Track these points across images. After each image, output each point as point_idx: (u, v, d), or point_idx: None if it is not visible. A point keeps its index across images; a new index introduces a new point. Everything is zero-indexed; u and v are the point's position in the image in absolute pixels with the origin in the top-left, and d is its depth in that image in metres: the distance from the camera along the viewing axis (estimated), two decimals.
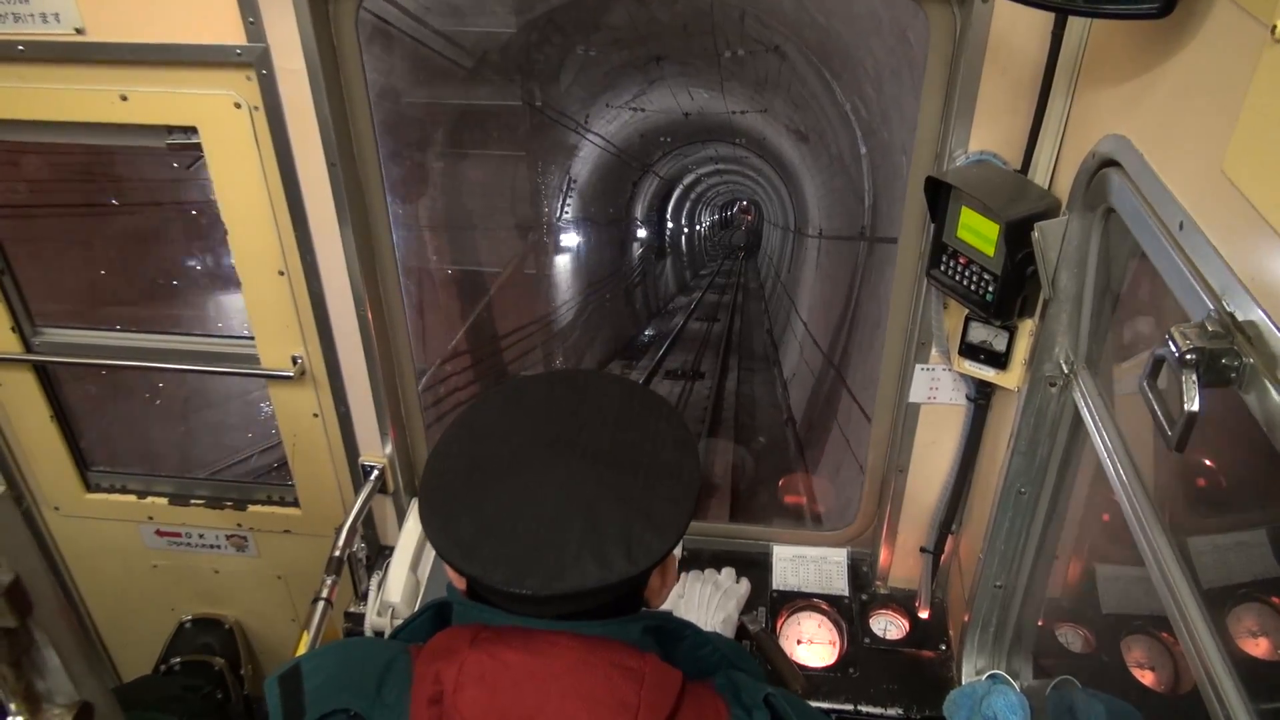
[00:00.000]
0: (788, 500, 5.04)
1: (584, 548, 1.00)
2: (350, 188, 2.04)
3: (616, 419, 1.16)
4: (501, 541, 1.02)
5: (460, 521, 1.04)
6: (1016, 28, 1.58)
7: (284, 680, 1.08)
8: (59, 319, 2.50)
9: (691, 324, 13.07)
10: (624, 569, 1.00)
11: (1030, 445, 1.79)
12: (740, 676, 1.15)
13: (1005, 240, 1.60)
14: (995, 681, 1.97)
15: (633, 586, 1.08)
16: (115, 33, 1.87)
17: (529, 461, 1.09)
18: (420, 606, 1.20)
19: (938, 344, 1.97)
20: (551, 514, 1.03)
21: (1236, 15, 1.00)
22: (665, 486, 1.09)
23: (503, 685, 0.98)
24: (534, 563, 1.00)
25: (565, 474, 1.07)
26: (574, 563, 0.99)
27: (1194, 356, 0.93)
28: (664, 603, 1.20)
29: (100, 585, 3.04)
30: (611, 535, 1.02)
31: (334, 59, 1.91)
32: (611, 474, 1.08)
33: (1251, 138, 0.92)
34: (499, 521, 1.03)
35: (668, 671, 1.04)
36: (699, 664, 1.18)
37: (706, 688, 1.10)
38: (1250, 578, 1.36)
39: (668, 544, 1.04)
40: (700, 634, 1.21)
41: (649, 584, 1.14)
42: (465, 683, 0.98)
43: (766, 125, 8.50)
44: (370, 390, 2.34)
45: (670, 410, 1.21)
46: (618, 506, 1.04)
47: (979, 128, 1.71)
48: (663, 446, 1.14)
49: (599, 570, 0.99)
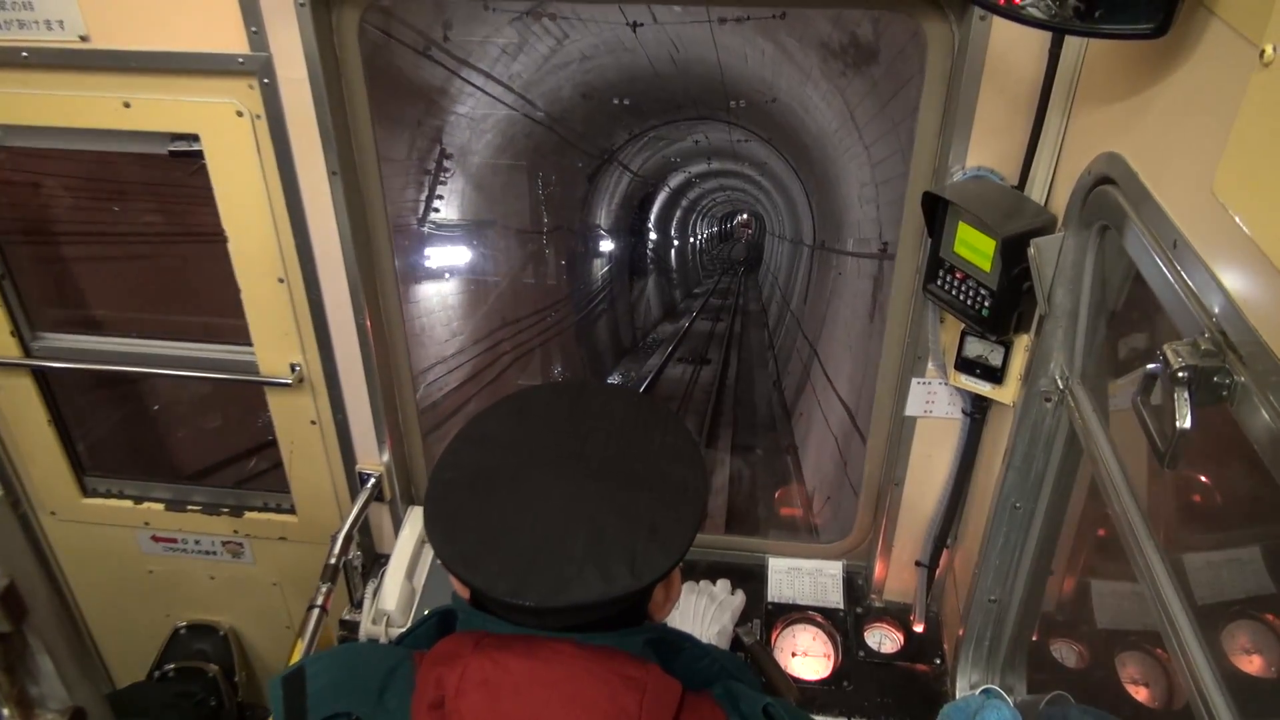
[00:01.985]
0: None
1: (588, 561, 1.00)
2: (351, 197, 2.05)
3: (621, 432, 1.17)
4: (505, 553, 1.02)
5: (464, 532, 1.05)
6: (1014, 46, 1.59)
7: (287, 682, 1.08)
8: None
9: (672, 368, 8.86)
10: (627, 583, 1.00)
11: (1025, 460, 1.79)
12: (739, 687, 1.15)
13: (1002, 256, 1.61)
14: (989, 696, 1.97)
15: (636, 600, 1.09)
16: (119, 40, 1.88)
17: (533, 473, 1.09)
18: (424, 614, 1.20)
19: (934, 358, 1.98)
20: (555, 526, 1.03)
21: (1229, 37, 1.01)
22: (670, 500, 1.09)
23: (505, 692, 0.98)
24: (537, 575, 1.00)
25: (570, 486, 1.07)
26: (577, 576, 0.99)
27: (1186, 374, 0.94)
28: (667, 617, 1.21)
29: (95, 590, 3.04)
30: (615, 549, 1.02)
31: (336, 68, 1.93)
32: (616, 487, 1.08)
33: (1240, 160, 0.93)
34: (502, 532, 1.04)
35: (668, 682, 1.04)
36: (697, 676, 1.18)
37: (705, 698, 1.11)
38: (1244, 595, 1.36)
39: (672, 558, 1.04)
40: (699, 646, 1.21)
41: (653, 598, 1.14)
42: (467, 688, 0.99)
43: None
44: (368, 398, 2.34)
45: (677, 424, 1.21)
46: (622, 520, 1.05)
47: (976, 144, 1.72)
48: (668, 460, 1.14)
49: (602, 584, 0.99)
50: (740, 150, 7.76)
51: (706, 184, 11.19)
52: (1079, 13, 1.23)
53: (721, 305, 11.74)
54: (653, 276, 10.23)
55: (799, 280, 8.22)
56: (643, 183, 8.65)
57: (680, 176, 9.97)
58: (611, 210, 8.23)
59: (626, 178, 8.14)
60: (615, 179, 7.78)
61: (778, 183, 8.89)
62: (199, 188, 2.09)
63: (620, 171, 7.75)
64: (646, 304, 9.58)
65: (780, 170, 7.81)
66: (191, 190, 2.22)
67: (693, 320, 10.88)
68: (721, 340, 9.72)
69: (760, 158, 7.72)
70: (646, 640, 1.10)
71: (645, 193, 9.08)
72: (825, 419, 4.68)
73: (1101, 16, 1.21)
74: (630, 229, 8.99)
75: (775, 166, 7.82)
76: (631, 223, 9.08)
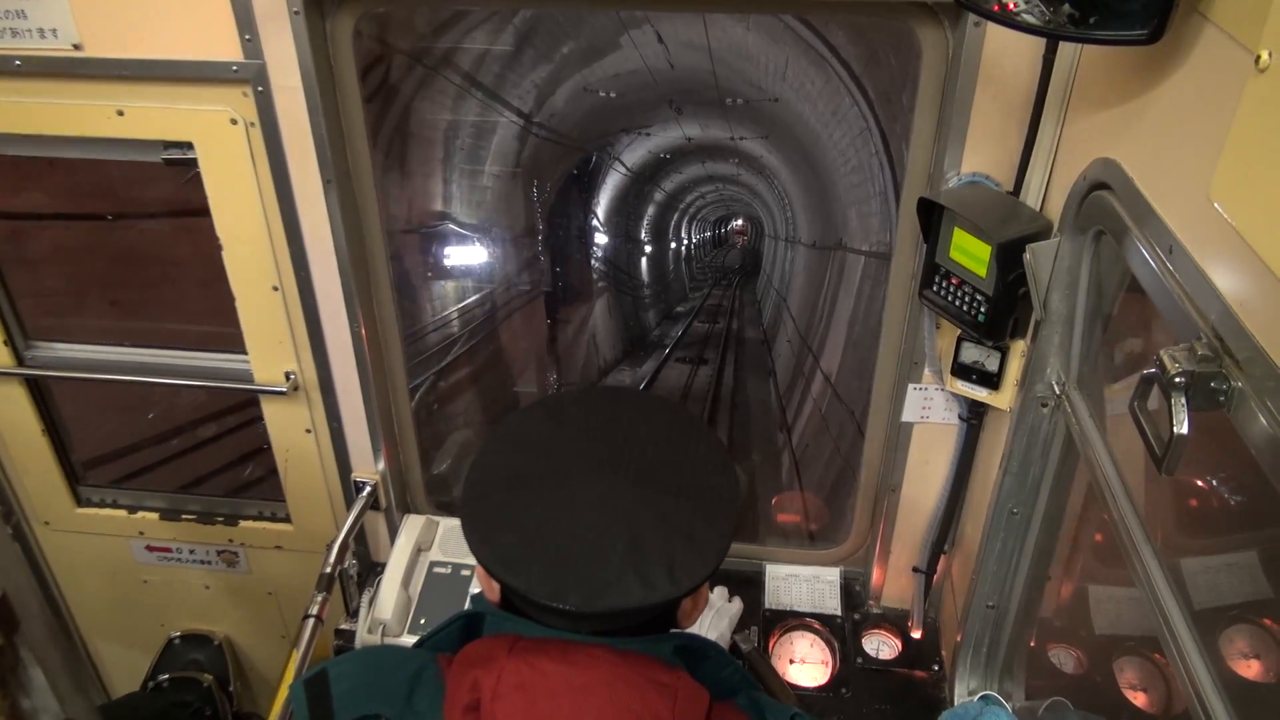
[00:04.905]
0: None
1: (627, 566, 1.01)
2: (345, 204, 2.04)
3: (657, 439, 1.17)
4: (545, 555, 1.03)
5: (503, 533, 1.05)
6: (1008, 52, 1.59)
7: (310, 685, 1.08)
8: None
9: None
10: (667, 590, 1.01)
11: (1022, 465, 1.79)
12: (764, 697, 1.16)
13: (997, 261, 1.61)
14: (987, 703, 1.96)
15: (668, 607, 1.09)
16: (112, 48, 1.88)
17: (570, 476, 1.10)
18: (448, 617, 1.20)
19: (930, 364, 1.98)
20: (594, 530, 1.04)
21: (1224, 43, 1.01)
22: (706, 508, 1.10)
23: (541, 695, 0.99)
24: (577, 578, 1.01)
25: (607, 491, 1.08)
26: (617, 581, 1.00)
27: (1183, 380, 0.94)
28: (694, 625, 1.21)
29: (89, 601, 3.02)
30: (654, 555, 1.02)
31: (330, 76, 1.92)
32: (653, 493, 1.09)
33: (1237, 166, 0.93)
34: (541, 535, 1.04)
35: (698, 689, 1.05)
36: (721, 684, 1.18)
37: (730, 707, 1.11)
38: (1242, 599, 1.36)
39: (710, 566, 1.05)
40: (724, 654, 1.22)
41: (681, 606, 1.14)
42: (504, 691, 0.99)
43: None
44: (363, 406, 2.33)
45: (710, 433, 1.22)
46: (660, 526, 1.05)
47: (971, 149, 1.72)
48: (703, 468, 1.15)
49: (642, 590, 1.00)
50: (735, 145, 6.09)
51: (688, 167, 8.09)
52: (1073, 19, 1.23)
53: (709, 331, 8.05)
54: (606, 298, 6.14)
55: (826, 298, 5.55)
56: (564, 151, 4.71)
57: (641, 151, 7.59)
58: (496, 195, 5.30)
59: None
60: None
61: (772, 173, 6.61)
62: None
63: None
64: (589, 342, 5.80)
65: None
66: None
67: (667, 355, 7.17)
68: (705, 393, 5.75)
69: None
70: (676, 647, 1.11)
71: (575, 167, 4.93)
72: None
73: (1096, 23, 1.21)
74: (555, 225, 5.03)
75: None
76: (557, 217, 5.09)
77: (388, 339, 2.33)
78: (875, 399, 2.21)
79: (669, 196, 8.03)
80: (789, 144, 4.50)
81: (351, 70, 1.94)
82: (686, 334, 6.67)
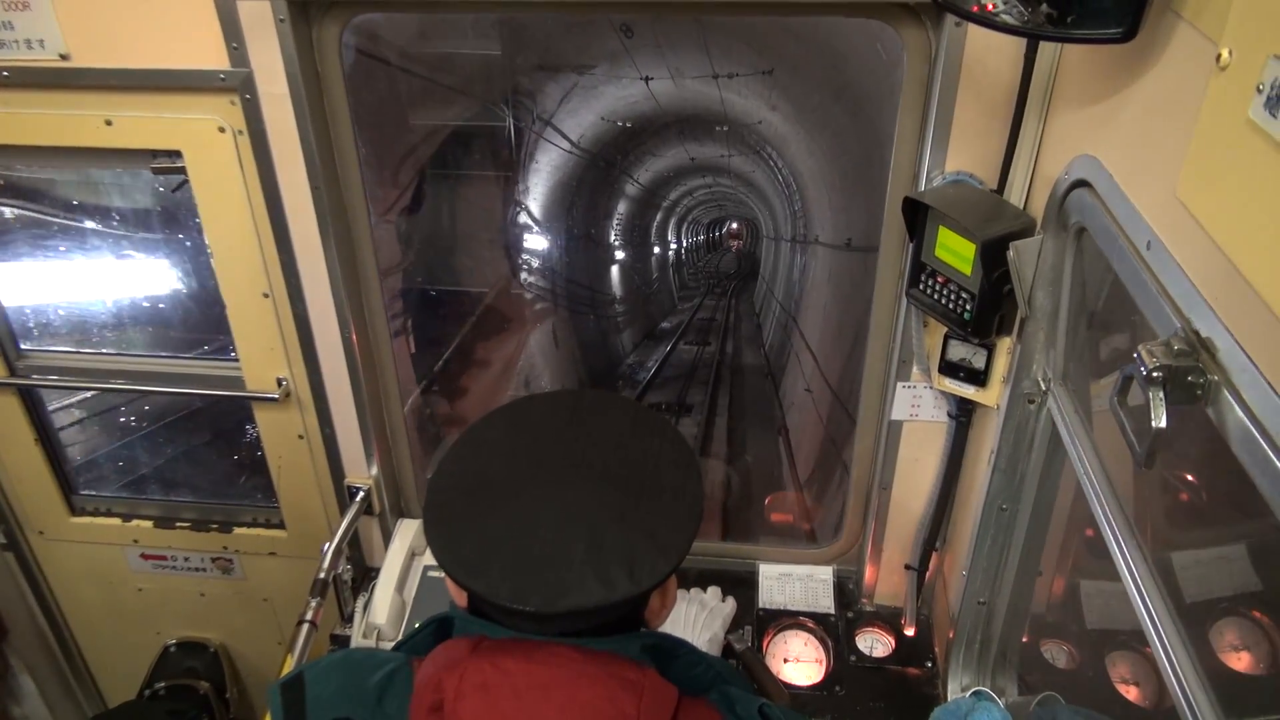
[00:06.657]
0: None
1: (587, 566, 1.02)
2: (334, 210, 2.05)
3: (619, 439, 1.18)
4: (506, 558, 1.03)
5: (464, 538, 1.06)
6: (990, 51, 1.60)
7: (286, 689, 1.09)
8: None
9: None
10: (627, 588, 1.01)
11: (1010, 462, 1.80)
12: (735, 691, 1.16)
13: (982, 259, 1.62)
14: (980, 698, 1.97)
15: (634, 606, 1.11)
16: (100, 58, 1.88)
17: (532, 480, 1.11)
18: (421, 622, 1.21)
19: (918, 362, 1.99)
20: (555, 532, 1.05)
21: (1194, 39, 1.02)
22: (668, 507, 1.10)
23: (504, 694, 0.99)
24: (538, 580, 1.01)
25: (568, 493, 1.09)
26: (578, 581, 1.01)
27: (1161, 374, 0.94)
28: (663, 624, 1.21)
29: (85, 609, 3.01)
30: (614, 555, 1.03)
31: (317, 83, 1.93)
32: (614, 494, 1.10)
33: (1201, 164, 0.94)
34: (503, 538, 1.05)
35: (665, 686, 1.06)
36: (693, 682, 1.18)
37: (701, 703, 1.12)
38: (1229, 592, 1.37)
39: (670, 564, 1.06)
40: (695, 652, 1.22)
41: (649, 604, 1.15)
42: (466, 690, 0.99)
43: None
44: (355, 412, 2.34)
45: (673, 431, 1.23)
46: (621, 526, 1.06)
47: (955, 149, 1.73)
48: (665, 467, 1.16)
49: (602, 589, 1.01)
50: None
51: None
52: (1051, 18, 1.24)
53: (697, 361, 7.07)
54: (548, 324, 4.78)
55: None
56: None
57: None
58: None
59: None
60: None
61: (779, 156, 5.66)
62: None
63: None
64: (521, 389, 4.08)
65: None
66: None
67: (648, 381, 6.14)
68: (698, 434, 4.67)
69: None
70: (644, 645, 1.11)
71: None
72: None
73: (1073, 22, 1.22)
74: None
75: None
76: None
77: (379, 344, 2.33)
78: (865, 397, 2.22)
79: (648, 190, 7.07)
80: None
81: (338, 76, 1.94)
82: (670, 358, 5.20)
